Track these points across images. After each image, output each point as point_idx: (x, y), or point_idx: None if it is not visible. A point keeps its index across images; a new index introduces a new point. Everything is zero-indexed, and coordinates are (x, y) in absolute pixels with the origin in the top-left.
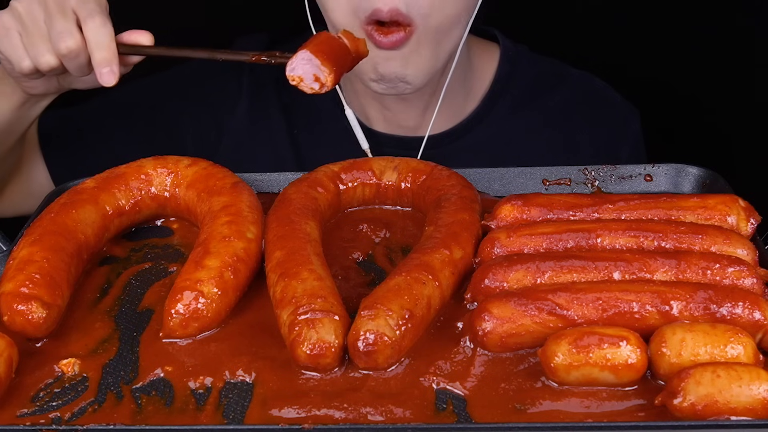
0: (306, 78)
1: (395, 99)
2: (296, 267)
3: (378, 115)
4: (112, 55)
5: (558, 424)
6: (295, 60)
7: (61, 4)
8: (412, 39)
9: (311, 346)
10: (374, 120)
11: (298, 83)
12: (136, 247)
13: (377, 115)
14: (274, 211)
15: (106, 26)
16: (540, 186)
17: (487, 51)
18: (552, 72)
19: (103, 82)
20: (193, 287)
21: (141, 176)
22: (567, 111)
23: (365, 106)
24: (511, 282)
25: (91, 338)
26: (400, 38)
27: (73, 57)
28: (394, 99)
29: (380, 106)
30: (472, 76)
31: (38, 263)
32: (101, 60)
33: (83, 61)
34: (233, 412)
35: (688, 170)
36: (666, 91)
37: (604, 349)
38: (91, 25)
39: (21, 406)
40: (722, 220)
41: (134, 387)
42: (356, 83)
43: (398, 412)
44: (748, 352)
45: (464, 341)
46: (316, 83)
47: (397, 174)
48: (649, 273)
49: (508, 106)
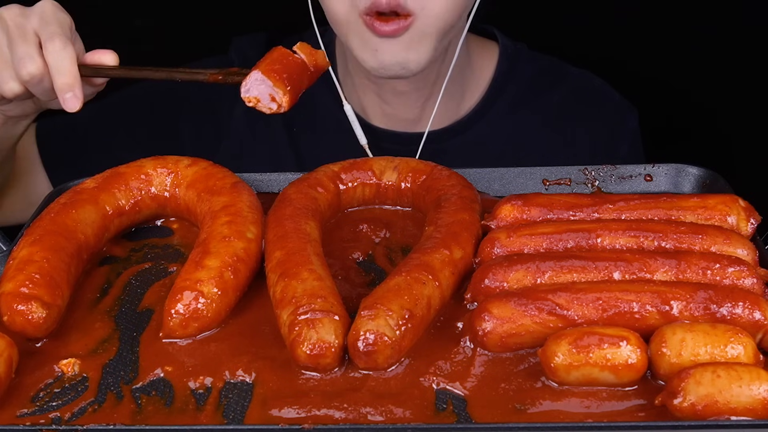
0: (262, 98)
1: (394, 93)
2: (296, 267)
3: (376, 110)
4: (74, 79)
5: (558, 424)
6: (249, 81)
7: (22, 27)
8: (411, 28)
9: (311, 346)
10: (372, 115)
11: (255, 104)
12: (136, 247)
13: (375, 109)
14: (274, 211)
15: (66, 49)
16: (540, 186)
17: (486, 49)
18: (551, 70)
19: (67, 108)
20: (193, 287)
21: (141, 176)
22: (565, 109)
23: (363, 101)
24: (511, 282)
25: (91, 338)
26: (399, 27)
27: (36, 83)
28: (393, 93)
29: (379, 99)
30: (470, 73)
31: (38, 263)
32: (62, 85)
33: (47, 86)
34: (233, 412)
35: (688, 170)
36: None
37: (604, 349)
38: (51, 48)
39: (21, 406)
40: (722, 220)
41: (134, 387)
42: (355, 77)
43: (398, 412)
44: (748, 352)
45: (464, 341)
46: (273, 103)
47: (397, 174)
48: (649, 273)
49: (507, 104)
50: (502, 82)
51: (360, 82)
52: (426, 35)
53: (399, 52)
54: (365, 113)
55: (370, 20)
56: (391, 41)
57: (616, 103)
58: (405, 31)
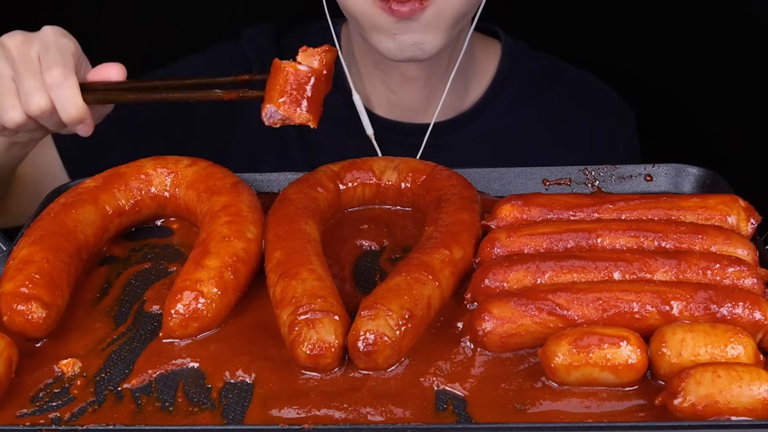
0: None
1: (402, 80)
2: (296, 267)
3: (381, 98)
4: (81, 112)
5: (558, 424)
6: (267, 112)
7: (26, 57)
8: (427, 10)
9: (311, 346)
10: (377, 104)
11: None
12: (136, 247)
13: (380, 98)
14: (274, 211)
15: (68, 80)
16: (540, 186)
17: (489, 46)
18: (551, 68)
19: (82, 134)
20: (193, 287)
21: (141, 176)
22: (564, 107)
23: (368, 89)
24: (511, 282)
25: (91, 338)
26: (416, 8)
27: (46, 116)
28: (401, 80)
29: (384, 87)
30: (474, 69)
31: (38, 263)
32: (71, 121)
33: (58, 118)
34: (233, 412)
35: (688, 170)
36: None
37: (605, 349)
38: (50, 81)
39: (21, 406)
40: (722, 220)
41: (134, 387)
42: (361, 66)
43: (398, 413)
44: (748, 353)
45: (464, 341)
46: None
47: (397, 174)
48: (649, 273)
49: (508, 101)
50: (504, 79)
51: (366, 70)
52: (441, 19)
53: (416, 34)
54: (369, 102)
55: (386, 4)
56: (408, 24)
57: (614, 102)
58: (421, 13)
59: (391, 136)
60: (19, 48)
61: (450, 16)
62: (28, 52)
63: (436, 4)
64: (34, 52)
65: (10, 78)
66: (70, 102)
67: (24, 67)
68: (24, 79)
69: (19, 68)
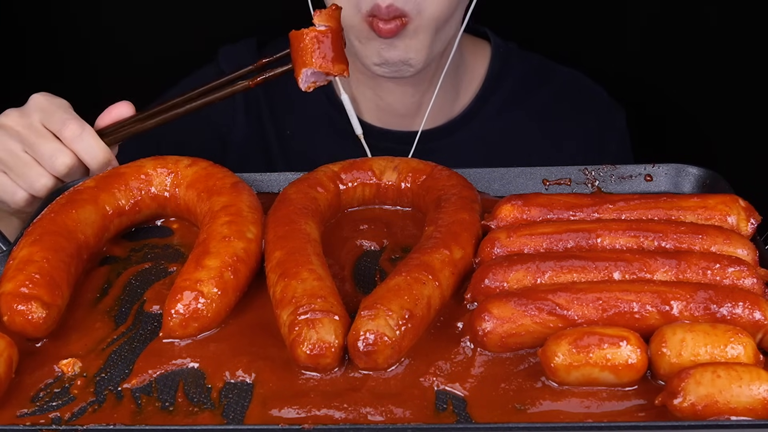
0: (318, 81)
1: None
2: (296, 267)
3: (370, 105)
4: (107, 154)
5: (558, 424)
6: (302, 78)
7: (32, 127)
8: (408, 28)
9: (311, 346)
10: (365, 110)
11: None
12: (136, 247)
13: (369, 104)
14: (274, 211)
15: (85, 130)
16: (540, 186)
17: (479, 48)
18: (541, 69)
19: None
20: (193, 287)
21: (141, 176)
22: (555, 107)
23: (357, 96)
24: (511, 282)
25: (91, 338)
26: (396, 26)
27: (73, 172)
28: (390, 87)
29: (373, 94)
30: (464, 72)
31: (38, 263)
32: (100, 166)
33: (84, 170)
34: (233, 412)
35: (688, 170)
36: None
37: (604, 349)
38: (69, 136)
39: (21, 406)
40: (722, 220)
41: (134, 387)
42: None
43: (398, 413)
44: (748, 352)
45: (464, 341)
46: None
47: (397, 174)
48: (649, 273)
49: (499, 104)
50: (494, 81)
51: (354, 76)
52: (424, 30)
53: (401, 52)
54: (358, 109)
55: (374, 21)
56: (394, 41)
57: (604, 102)
58: (402, 31)
59: (379, 144)
60: (20, 122)
61: (433, 24)
62: (31, 122)
63: (416, 18)
64: (36, 121)
65: (23, 151)
66: (95, 149)
67: (35, 136)
68: (39, 146)
69: (29, 139)
